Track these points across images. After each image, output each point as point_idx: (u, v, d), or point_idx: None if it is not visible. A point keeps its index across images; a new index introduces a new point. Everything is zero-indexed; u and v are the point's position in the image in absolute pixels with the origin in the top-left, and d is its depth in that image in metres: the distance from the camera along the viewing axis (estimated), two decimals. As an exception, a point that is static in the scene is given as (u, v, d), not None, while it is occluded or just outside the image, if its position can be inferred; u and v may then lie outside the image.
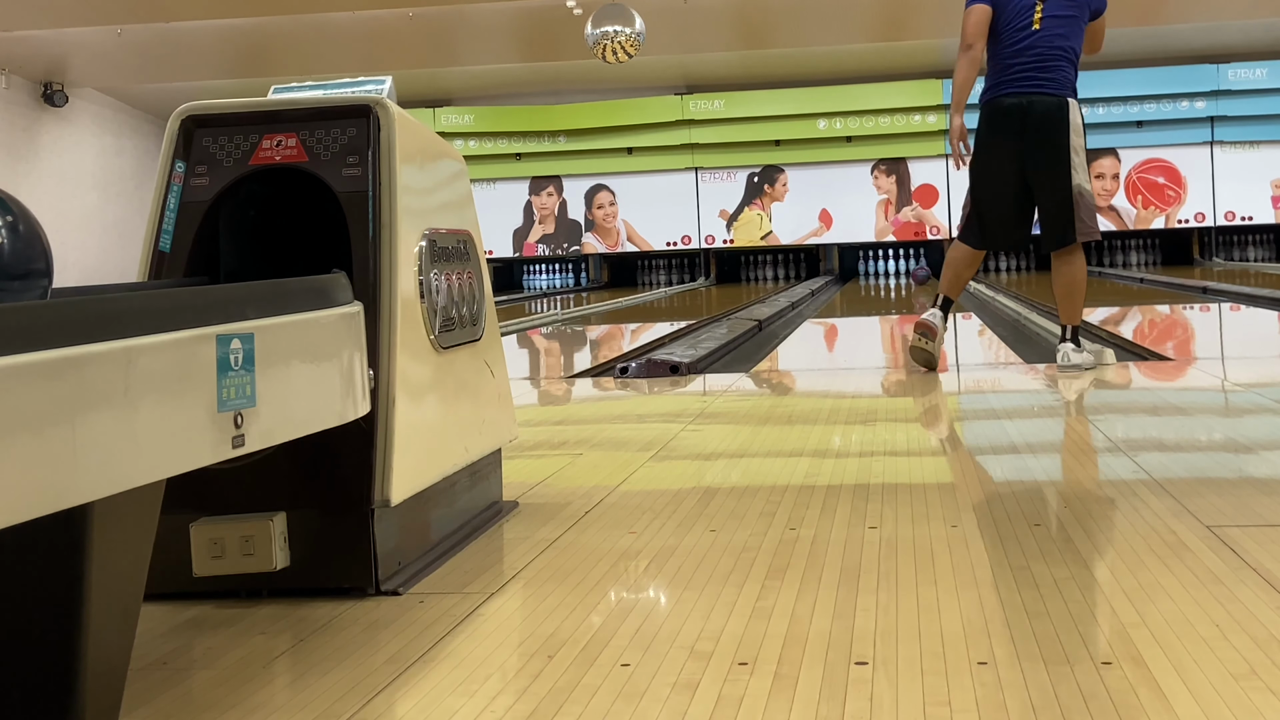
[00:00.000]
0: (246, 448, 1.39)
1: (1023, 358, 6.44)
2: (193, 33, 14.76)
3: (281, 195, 2.42)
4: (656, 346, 7.61)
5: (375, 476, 2.16)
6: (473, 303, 2.63)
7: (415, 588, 2.20)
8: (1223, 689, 1.57)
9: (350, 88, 2.49)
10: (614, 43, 11.83)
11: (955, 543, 2.38)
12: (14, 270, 1.47)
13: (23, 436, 1.07)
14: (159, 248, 2.29)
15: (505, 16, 14.82)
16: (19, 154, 16.06)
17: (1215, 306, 10.29)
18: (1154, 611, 1.89)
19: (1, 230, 1.46)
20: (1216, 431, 3.92)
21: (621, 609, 2.06)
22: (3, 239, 1.46)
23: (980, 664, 1.70)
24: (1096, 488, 2.87)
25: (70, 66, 16.25)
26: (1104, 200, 17.82)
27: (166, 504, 1.50)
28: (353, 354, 1.72)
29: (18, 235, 1.47)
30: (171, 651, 1.93)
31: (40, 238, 1.51)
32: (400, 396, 2.21)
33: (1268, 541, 2.27)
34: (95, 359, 1.17)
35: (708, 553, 2.36)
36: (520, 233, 18.61)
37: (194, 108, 2.38)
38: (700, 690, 1.65)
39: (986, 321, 9.41)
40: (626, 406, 5.06)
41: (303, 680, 1.77)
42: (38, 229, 1.50)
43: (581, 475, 3.33)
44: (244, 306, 1.44)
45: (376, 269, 2.24)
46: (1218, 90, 17.33)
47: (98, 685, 1.38)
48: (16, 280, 1.47)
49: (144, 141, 18.21)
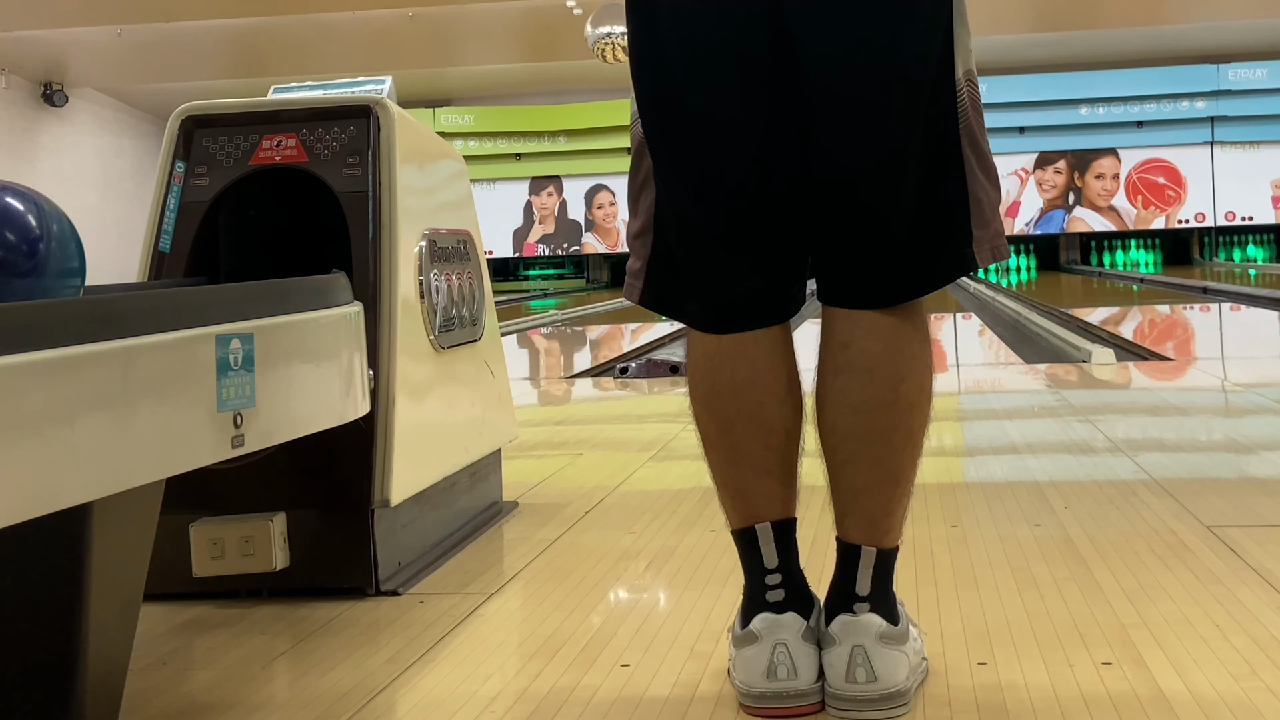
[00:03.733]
0: (246, 448, 1.39)
1: (1023, 358, 6.44)
2: (193, 33, 14.76)
3: (281, 195, 2.42)
4: (656, 346, 7.61)
5: (375, 476, 2.16)
6: (473, 303, 2.63)
7: (415, 588, 2.20)
8: (1223, 689, 1.57)
9: (350, 88, 2.49)
10: (614, 43, 11.83)
11: (955, 543, 2.38)
12: (52, 269, 1.48)
13: (23, 436, 1.07)
14: (159, 248, 2.29)
15: (505, 16, 14.83)
16: (19, 154, 16.06)
17: (1215, 306, 10.29)
18: (1154, 611, 1.89)
19: (38, 230, 1.47)
20: (1216, 431, 3.92)
21: (621, 609, 2.06)
22: (40, 239, 1.47)
23: (980, 664, 1.70)
24: (1096, 488, 2.87)
25: (70, 66, 16.26)
26: (1104, 200, 17.84)
27: (166, 504, 1.50)
28: (353, 354, 1.71)
29: (53, 235, 1.48)
30: (171, 651, 1.92)
31: (74, 238, 1.53)
32: (400, 396, 2.21)
33: (1268, 541, 2.27)
34: (95, 359, 1.17)
35: (708, 553, 2.36)
36: (520, 233, 18.61)
37: (194, 108, 2.37)
38: (700, 690, 1.65)
39: (986, 321, 9.41)
40: (626, 406, 5.06)
41: (303, 680, 1.77)
42: (72, 229, 1.52)
43: (581, 475, 3.33)
44: (244, 306, 1.44)
45: (376, 269, 2.23)
46: (1218, 90, 17.33)
47: (98, 685, 1.38)
48: (52, 279, 1.48)
49: (144, 141, 18.21)
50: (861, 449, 1.55)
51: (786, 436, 1.61)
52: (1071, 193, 17.98)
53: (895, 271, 1.55)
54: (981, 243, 1.56)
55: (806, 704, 1.54)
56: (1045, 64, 17.20)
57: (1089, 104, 17.58)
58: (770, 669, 1.54)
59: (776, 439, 1.60)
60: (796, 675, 1.54)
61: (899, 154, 1.51)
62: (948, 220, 1.55)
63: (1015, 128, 17.39)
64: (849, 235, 1.55)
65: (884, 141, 1.51)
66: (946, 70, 1.52)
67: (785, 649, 1.54)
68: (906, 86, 1.50)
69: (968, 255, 1.56)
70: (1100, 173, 17.81)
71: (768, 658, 1.54)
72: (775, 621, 1.56)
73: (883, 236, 1.54)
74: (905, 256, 1.55)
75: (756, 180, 1.54)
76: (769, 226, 1.57)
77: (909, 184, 1.52)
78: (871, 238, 1.55)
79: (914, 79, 1.50)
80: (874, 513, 1.56)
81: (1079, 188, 17.96)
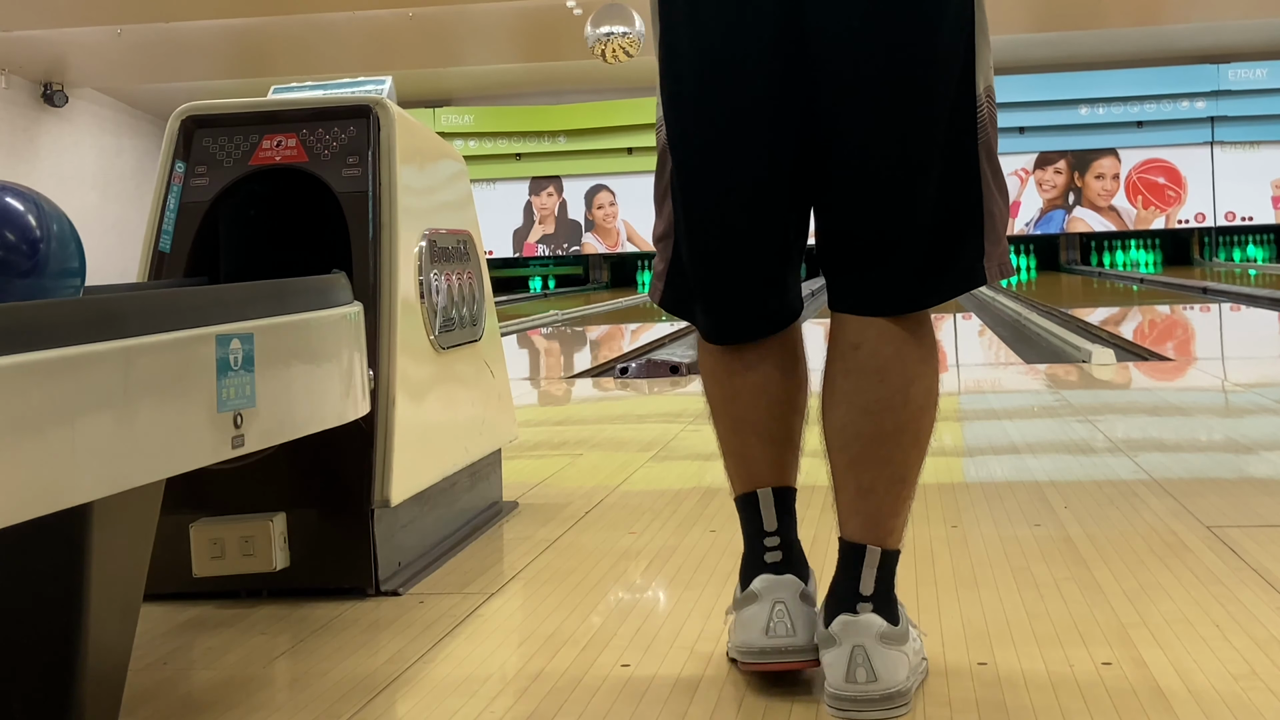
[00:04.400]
0: (246, 448, 1.39)
1: (1023, 358, 6.44)
2: (193, 33, 14.76)
3: (281, 195, 2.42)
4: (656, 346, 7.61)
5: (375, 476, 2.16)
6: (473, 303, 2.63)
7: (415, 588, 2.20)
8: (1223, 689, 1.57)
9: (350, 88, 2.49)
10: (614, 43, 11.83)
11: (955, 543, 2.38)
12: (52, 269, 1.48)
13: (23, 436, 1.07)
14: (159, 248, 2.29)
15: (505, 16, 14.82)
16: (19, 154, 16.06)
17: (1215, 307, 10.29)
18: (1154, 611, 1.89)
19: (38, 230, 1.47)
20: (1216, 431, 3.92)
21: (621, 609, 2.06)
22: (40, 239, 1.47)
23: (980, 664, 1.70)
24: (1096, 488, 2.87)
25: (70, 66, 16.26)
26: (1104, 200, 17.84)
27: (166, 504, 1.50)
28: (353, 354, 1.71)
29: (53, 235, 1.48)
30: (171, 651, 1.93)
31: (74, 238, 1.53)
32: (400, 396, 2.21)
33: (1268, 541, 2.27)
34: (95, 359, 1.17)
35: (708, 553, 2.36)
36: (520, 233, 18.61)
37: (194, 108, 2.38)
38: (700, 690, 1.65)
39: (986, 321, 9.41)
40: (626, 406, 5.06)
41: (303, 680, 1.77)
42: (72, 229, 1.52)
43: (581, 475, 3.33)
44: (244, 306, 1.44)
45: (376, 269, 2.24)
46: (1218, 90, 17.33)
47: (98, 685, 1.38)
48: (52, 279, 1.48)
49: (144, 141, 18.21)
50: (870, 449, 1.56)
51: (790, 407, 1.68)
52: (1071, 193, 17.98)
53: (906, 277, 1.56)
54: (991, 259, 1.58)
55: (803, 659, 1.59)
56: (1045, 64, 17.20)
57: (1089, 104, 17.59)
58: (769, 626, 1.60)
59: (780, 408, 1.67)
60: (795, 633, 1.59)
61: (917, 158, 1.52)
62: (961, 232, 1.56)
63: (1015, 128, 17.38)
64: (865, 232, 1.57)
65: (903, 144, 1.52)
66: (968, 83, 1.55)
67: (784, 607, 1.59)
68: (929, 93, 1.52)
69: (978, 270, 1.58)
70: (1100, 173, 17.81)
71: (767, 615, 1.60)
72: (774, 581, 1.61)
73: (897, 242, 1.55)
74: (917, 264, 1.56)
75: (769, 183, 1.57)
76: (772, 239, 1.61)
77: (927, 191, 1.54)
78: (886, 240, 1.56)
79: (937, 87, 1.52)
80: (880, 513, 1.57)
81: (1079, 188, 17.97)
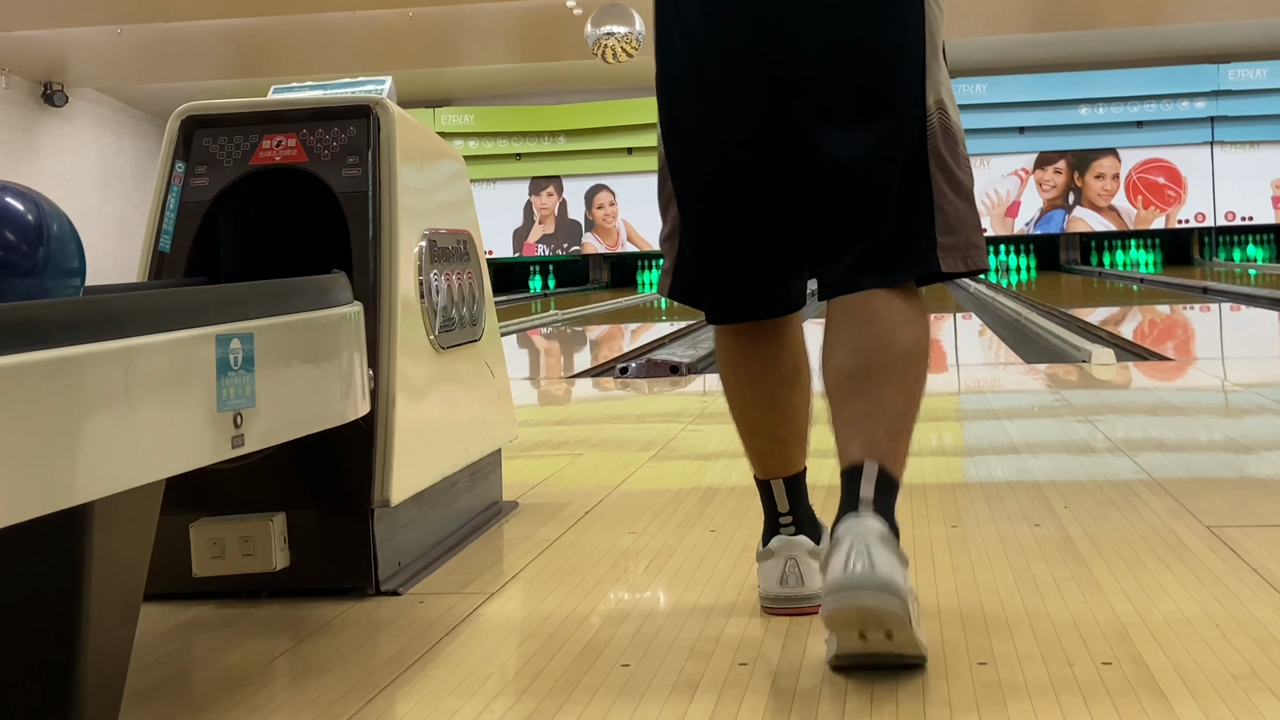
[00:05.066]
0: (246, 448, 1.39)
1: (1023, 358, 6.44)
2: (193, 33, 14.76)
3: (281, 195, 2.42)
4: (656, 346, 7.62)
5: (375, 476, 2.16)
6: (473, 303, 2.64)
7: (415, 588, 2.20)
8: (1223, 689, 1.57)
9: (350, 88, 2.49)
10: (614, 43, 11.83)
11: (955, 543, 2.38)
12: (52, 269, 1.48)
13: (23, 436, 1.07)
14: (159, 248, 2.29)
15: (505, 16, 14.83)
16: (19, 154, 16.06)
17: (1215, 306, 10.29)
18: (1154, 611, 1.89)
19: (38, 230, 1.47)
20: (1216, 431, 3.92)
21: (621, 609, 2.06)
22: (40, 239, 1.47)
23: (980, 664, 1.70)
24: (1096, 488, 2.87)
25: (70, 66, 16.26)
26: (1104, 200, 17.84)
27: (166, 504, 1.50)
28: (353, 354, 1.72)
29: (53, 235, 1.48)
30: (171, 651, 1.93)
31: (74, 238, 1.53)
32: (400, 396, 2.21)
33: (1268, 541, 2.27)
34: (95, 359, 1.17)
35: (708, 553, 2.36)
36: (520, 233, 18.61)
37: (194, 108, 2.38)
38: (700, 690, 1.65)
39: (986, 321, 9.41)
40: (626, 406, 5.06)
41: (303, 680, 1.77)
42: (72, 229, 1.52)
43: (581, 475, 3.33)
44: (244, 306, 1.44)
45: (376, 269, 2.24)
46: (1218, 90, 17.34)
47: (98, 685, 1.38)
48: (52, 279, 1.48)
49: (144, 141, 18.21)
50: (862, 383, 1.73)
51: (795, 414, 1.94)
52: (1071, 193, 17.98)
53: (875, 260, 1.77)
54: (949, 250, 1.79)
55: (811, 605, 1.87)
56: (1045, 64, 17.20)
57: (1089, 104, 17.59)
58: (783, 578, 1.92)
59: (786, 417, 1.94)
60: (804, 584, 1.91)
61: (878, 165, 1.76)
62: (913, 220, 1.78)
63: (1015, 128, 17.39)
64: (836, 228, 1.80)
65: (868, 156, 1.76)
66: (920, 99, 1.78)
67: (795, 562, 1.93)
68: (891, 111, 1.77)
69: (931, 255, 1.78)
70: (1100, 173, 17.81)
71: (780, 569, 1.92)
72: (788, 541, 1.94)
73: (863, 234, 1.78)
74: (885, 250, 1.77)
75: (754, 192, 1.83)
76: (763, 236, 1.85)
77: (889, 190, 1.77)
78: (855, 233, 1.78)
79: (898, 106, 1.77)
80: (876, 435, 1.70)
81: (1079, 188, 17.97)
